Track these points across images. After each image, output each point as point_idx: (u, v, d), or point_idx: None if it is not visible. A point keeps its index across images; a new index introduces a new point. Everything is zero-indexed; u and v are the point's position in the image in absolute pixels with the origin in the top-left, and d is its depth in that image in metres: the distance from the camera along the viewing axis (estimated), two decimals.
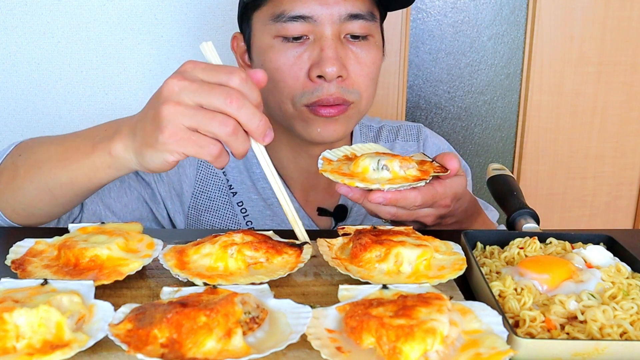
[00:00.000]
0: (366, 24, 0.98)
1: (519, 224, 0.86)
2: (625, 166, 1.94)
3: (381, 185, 0.75)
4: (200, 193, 1.12)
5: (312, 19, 0.95)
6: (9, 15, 1.49)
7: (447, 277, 0.66)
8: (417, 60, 1.80)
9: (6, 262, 0.69)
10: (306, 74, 0.96)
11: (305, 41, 0.97)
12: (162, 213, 1.12)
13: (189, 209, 1.12)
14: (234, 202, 1.12)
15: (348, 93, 0.98)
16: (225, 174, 1.13)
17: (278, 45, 0.97)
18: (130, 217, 1.08)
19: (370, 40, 1.00)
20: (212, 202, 1.12)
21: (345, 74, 0.96)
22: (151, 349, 0.51)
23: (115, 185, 1.06)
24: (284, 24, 0.95)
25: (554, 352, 0.55)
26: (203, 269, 0.67)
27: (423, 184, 0.77)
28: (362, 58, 0.99)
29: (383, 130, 1.23)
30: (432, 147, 1.23)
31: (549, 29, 1.77)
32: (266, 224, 1.11)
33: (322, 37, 0.95)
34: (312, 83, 0.96)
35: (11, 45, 1.51)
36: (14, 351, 0.51)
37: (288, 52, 0.97)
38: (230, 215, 1.12)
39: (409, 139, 1.22)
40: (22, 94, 1.55)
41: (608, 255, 0.72)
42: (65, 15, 1.50)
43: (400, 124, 1.25)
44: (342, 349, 0.53)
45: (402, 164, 0.78)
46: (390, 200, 0.77)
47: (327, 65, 0.94)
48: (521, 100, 1.85)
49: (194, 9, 1.54)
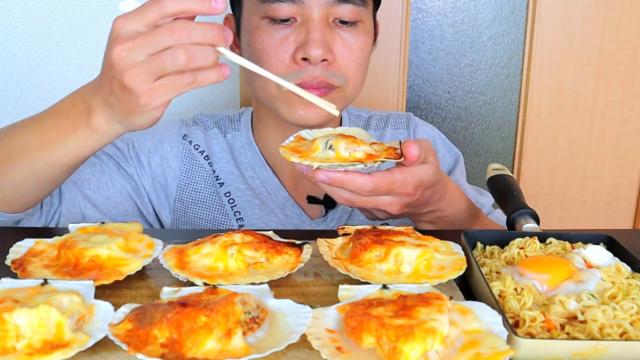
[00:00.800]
0: (356, 9, 0.97)
1: (519, 224, 0.86)
2: (625, 166, 1.94)
3: (311, 163, 0.74)
4: (185, 185, 1.10)
5: (300, 1, 0.94)
6: (9, 15, 1.49)
7: (447, 277, 0.66)
8: (417, 60, 1.80)
9: (6, 262, 0.69)
10: (291, 56, 0.95)
11: (293, 23, 0.96)
12: (147, 208, 1.10)
13: (175, 202, 1.10)
14: (221, 192, 1.10)
15: (334, 77, 0.97)
16: (212, 165, 1.12)
17: (265, 26, 0.97)
18: (114, 211, 1.05)
19: (359, 26, 0.99)
20: (199, 194, 1.11)
21: (331, 57, 0.95)
22: (151, 349, 0.51)
23: (94, 176, 1.04)
24: (272, 5, 0.95)
25: (554, 352, 0.55)
26: (203, 269, 0.67)
27: (360, 166, 0.75)
28: (350, 43, 0.98)
29: (372, 119, 1.21)
30: (423, 134, 1.21)
31: (549, 29, 1.77)
32: (254, 214, 1.09)
33: (309, 19, 0.94)
34: (297, 65, 0.95)
35: (11, 45, 1.51)
36: (14, 351, 0.51)
37: (274, 34, 0.96)
38: (217, 206, 1.10)
39: (399, 126, 1.20)
40: (22, 94, 1.55)
41: (608, 255, 0.72)
42: (65, 15, 1.50)
43: (389, 114, 1.23)
44: (342, 349, 0.53)
45: (348, 145, 0.76)
46: (335, 181, 0.75)
47: (312, 47, 0.93)
48: (521, 100, 1.85)
49: None
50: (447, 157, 1.20)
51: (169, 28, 0.67)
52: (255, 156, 1.11)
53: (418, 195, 0.82)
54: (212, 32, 0.69)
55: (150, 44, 0.67)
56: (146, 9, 0.68)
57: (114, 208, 1.05)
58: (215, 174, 1.11)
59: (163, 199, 1.10)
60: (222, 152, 1.12)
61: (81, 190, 1.02)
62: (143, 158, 1.09)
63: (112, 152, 1.07)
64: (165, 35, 0.67)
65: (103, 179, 1.05)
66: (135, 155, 1.09)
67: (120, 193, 1.06)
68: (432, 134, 1.22)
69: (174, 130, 1.13)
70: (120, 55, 0.68)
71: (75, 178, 1.02)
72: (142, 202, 1.09)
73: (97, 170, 1.05)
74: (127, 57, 0.68)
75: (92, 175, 1.04)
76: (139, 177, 1.08)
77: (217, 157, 1.12)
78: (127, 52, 0.68)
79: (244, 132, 1.14)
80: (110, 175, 1.05)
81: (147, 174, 1.09)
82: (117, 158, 1.07)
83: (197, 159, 1.11)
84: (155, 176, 1.09)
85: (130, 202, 1.08)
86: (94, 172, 1.04)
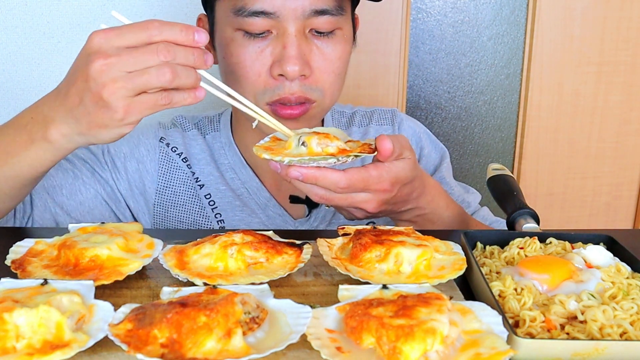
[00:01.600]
0: (332, 19, 0.94)
1: (519, 224, 0.86)
2: (625, 166, 1.94)
3: (282, 158, 0.74)
4: (164, 188, 1.09)
5: (275, 15, 0.90)
6: (9, 15, 1.49)
7: (447, 277, 0.66)
8: (417, 60, 1.80)
9: (6, 262, 0.69)
10: (268, 70, 0.93)
11: (268, 35, 0.93)
12: (124, 213, 1.08)
13: (155, 206, 1.08)
14: (201, 194, 1.09)
15: (311, 91, 0.95)
16: (190, 167, 1.10)
17: (240, 39, 0.94)
18: (89, 217, 1.03)
19: (337, 34, 0.96)
20: (178, 197, 1.09)
21: (308, 72, 0.93)
22: (151, 349, 0.51)
23: (67, 182, 1.02)
24: (245, 19, 0.92)
25: (553, 352, 0.55)
26: (203, 269, 0.67)
27: (333, 160, 0.74)
28: (327, 54, 0.95)
29: (356, 116, 1.19)
30: (408, 129, 1.19)
31: (549, 29, 1.77)
32: (236, 215, 1.08)
33: (284, 33, 0.92)
34: (274, 80, 0.93)
35: (11, 45, 1.51)
36: (14, 351, 0.51)
37: (249, 47, 0.93)
38: (197, 208, 1.09)
39: (383, 122, 1.18)
40: (22, 94, 1.55)
41: (608, 255, 0.72)
42: (65, 15, 1.50)
43: (374, 109, 1.21)
44: (342, 349, 0.53)
45: (320, 141, 0.76)
46: (308, 177, 0.74)
47: (288, 64, 0.91)
48: (521, 100, 1.85)
49: (194, 9, 1.54)
50: (433, 153, 1.18)
51: (153, 49, 0.68)
52: (235, 157, 1.10)
53: (395, 192, 0.81)
54: (194, 56, 0.70)
55: (135, 62, 0.68)
56: (130, 30, 0.69)
57: (88, 213, 1.03)
58: (195, 176, 1.10)
59: (142, 203, 1.08)
60: (201, 154, 1.11)
61: (52, 196, 1.01)
62: (119, 163, 1.07)
63: (86, 157, 1.05)
64: (151, 55, 0.68)
65: (76, 184, 1.03)
66: (110, 159, 1.07)
67: (94, 198, 1.04)
68: (418, 130, 1.20)
69: (151, 133, 1.11)
70: (102, 69, 0.68)
71: (47, 184, 1.01)
72: (119, 207, 1.07)
73: (69, 175, 1.03)
74: (108, 71, 0.68)
75: (64, 181, 1.02)
76: (114, 182, 1.06)
77: (197, 158, 1.10)
78: (109, 67, 0.68)
79: (223, 132, 1.12)
80: (84, 180, 1.03)
81: (124, 178, 1.07)
82: (92, 162, 1.05)
83: (174, 161, 1.09)
84: (132, 181, 1.07)
85: (105, 207, 1.06)
86: (66, 177, 1.03)
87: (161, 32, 0.68)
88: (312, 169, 0.75)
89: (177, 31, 0.69)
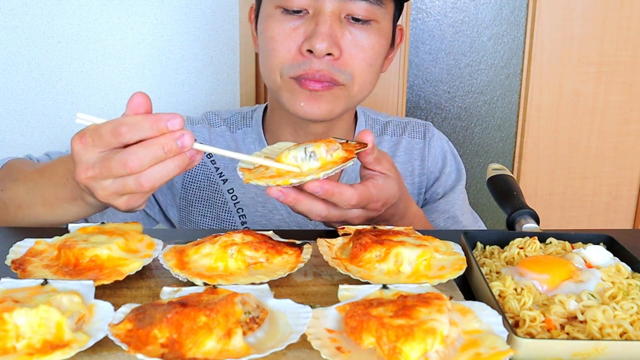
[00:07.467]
0: (370, 8, 0.96)
1: (519, 224, 0.86)
2: (625, 166, 1.94)
3: (316, 175, 0.70)
4: (190, 183, 1.11)
5: None
6: (9, 15, 1.49)
7: (447, 277, 0.66)
8: (417, 60, 1.80)
9: (6, 262, 0.69)
10: (298, 47, 0.96)
11: (305, 15, 0.96)
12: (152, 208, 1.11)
13: (181, 200, 1.11)
14: (224, 189, 1.11)
15: (338, 73, 0.96)
16: (215, 162, 1.12)
17: (277, 15, 0.97)
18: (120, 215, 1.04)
19: (373, 25, 0.98)
20: (202, 192, 1.11)
21: (337, 52, 0.95)
22: (151, 349, 0.51)
23: None
24: None
25: (553, 352, 0.55)
26: (203, 269, 0.67)
27: (352, 163, 0.73)
28: (359, 41, 0.97)
29: (390, 125, 1.21)
30: (437, 146, 1.20)
31: (549, 29, 1.77)
32: (257, 211, 1.09)
33: (320, 12, 0.95)
34: (302, 57, 0.96)
35: (11, 45, 1.51)
36: (14, 351, 0.51)
37: (285, 24, 0.96)
38: (220, 203, 1.11)
39: (415, 135, 1.20)
40: (22, 94, 1.55)
41: (608, 255, 0.72)
42: (65, 15, 1.50)
43: (408, 120, 1.22)
44: (342, 349, 0.53)
45: (328, 147, 0.73)
46: (327, 192, 0.72)
47: (317, 40, 0.93)
48: (521, 100, 1.85)
49: (194, 8, 1.54)
50: (454, 174, 1.20)
51: (120, 161, 0.67)
52: None
53: (382, 212, 0.82)
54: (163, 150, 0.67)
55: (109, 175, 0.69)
56: (102, 137, 0.68)
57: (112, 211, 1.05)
58: (219, 171, 1.12)
59: (169, 197, 1.11)
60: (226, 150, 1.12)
61: None
62: None
63: None
64: (120, 168, 0.67)
65: None
66: None
67: None
68: (445, 148, 1.22)
69: None
70: (87, 181, 0.71)
71: None
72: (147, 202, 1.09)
73: None
74: (92, 182, 0.70)
75: None
76: None
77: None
78: (92, 180, 0.70)
79: (254, 128, 1.15)
80: None
81: None
82: None
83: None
84: None
85: None
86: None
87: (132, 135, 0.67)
88: (332, 185, 0.72)
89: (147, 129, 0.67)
